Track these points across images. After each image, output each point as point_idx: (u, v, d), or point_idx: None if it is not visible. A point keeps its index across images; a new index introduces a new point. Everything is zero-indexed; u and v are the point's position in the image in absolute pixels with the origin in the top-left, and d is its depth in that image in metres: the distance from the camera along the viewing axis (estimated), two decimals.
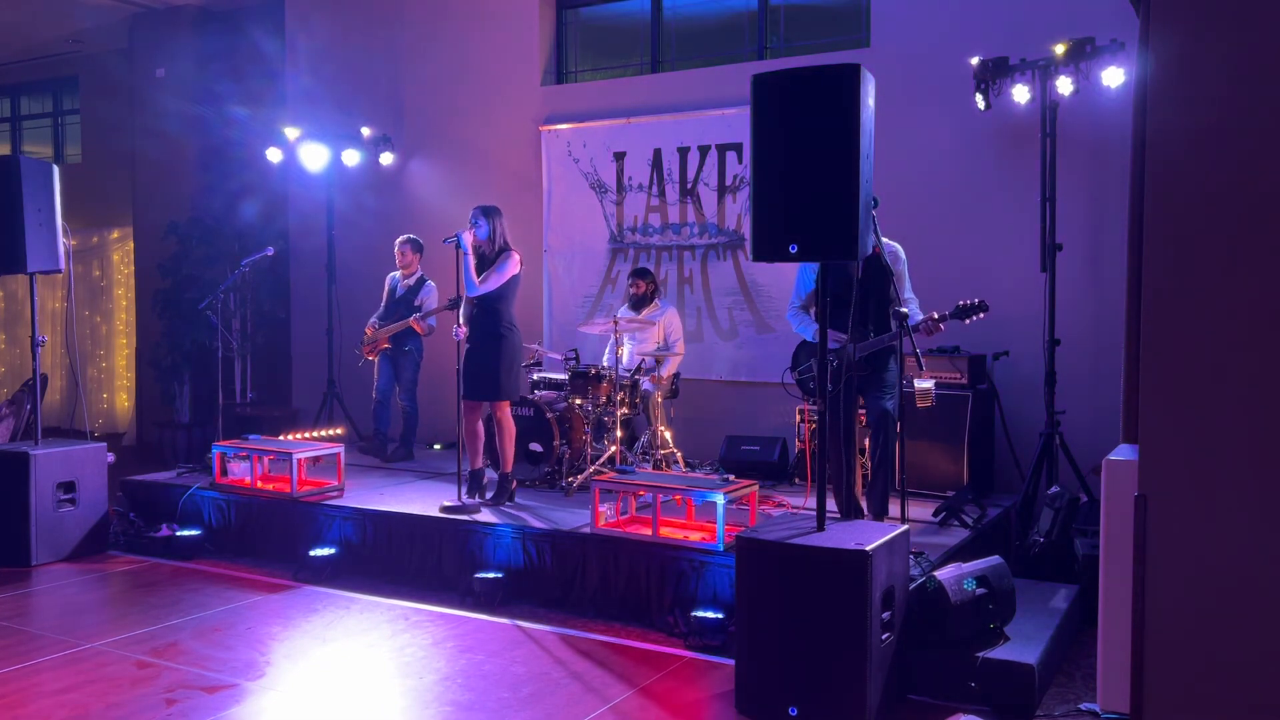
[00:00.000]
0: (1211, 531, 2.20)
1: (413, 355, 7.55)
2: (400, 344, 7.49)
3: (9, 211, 6.07)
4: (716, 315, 7.72)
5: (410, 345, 7.51)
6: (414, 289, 7.57)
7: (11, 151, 12.71)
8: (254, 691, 4.13)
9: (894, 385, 5.17)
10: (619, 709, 3.95)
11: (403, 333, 7.44)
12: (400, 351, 7.51)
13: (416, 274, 7.64)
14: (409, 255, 7.60)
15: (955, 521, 5.46)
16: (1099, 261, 6.31)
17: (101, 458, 6.57)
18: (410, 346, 7.52)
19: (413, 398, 7.60)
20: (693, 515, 5.33)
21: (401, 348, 7.50)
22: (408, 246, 7.61)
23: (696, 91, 7.73)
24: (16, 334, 12.17)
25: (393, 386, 7.62)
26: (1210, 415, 2.20)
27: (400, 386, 7.58)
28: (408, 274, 7.63)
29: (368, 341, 7.57)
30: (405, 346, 7.50)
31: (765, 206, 3.89)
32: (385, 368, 7.61)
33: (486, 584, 5.26)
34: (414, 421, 7.65)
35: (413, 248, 7.62)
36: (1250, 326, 2.15)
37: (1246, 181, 2.16)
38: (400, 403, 7.61)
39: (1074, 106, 6.19)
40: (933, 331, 5.13)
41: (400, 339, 7.48)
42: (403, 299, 7.57)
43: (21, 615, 5.18)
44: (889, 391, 5.17)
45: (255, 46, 9.99)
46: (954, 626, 4.03)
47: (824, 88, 3.77)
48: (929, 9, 6.92)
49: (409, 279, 7.62)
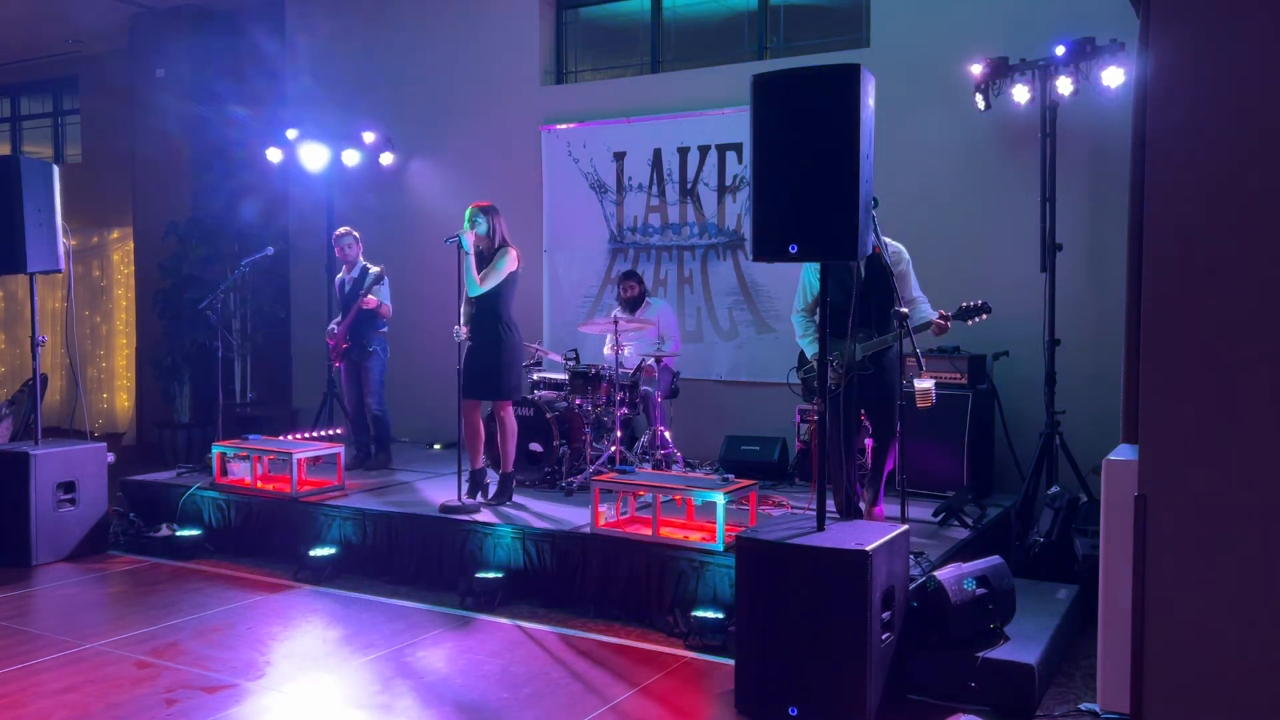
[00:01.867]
0: (1211, 531, 2.20)
1: (378, 356, 7.23)
2: (363, 345, 7.15)
3: (9, 211, 6.07)
4: (716, 315, 7.72)
5: (375, 345, 7.19)
6: (359, 280, 7.25)
7: (11, 151, 12.70)
8: (254, 691, 4.13)
9: (895, 385, 5.19)
10: (619, 709, 3.95)
11: (365, 332, 7.13)
12: (364, 354, 7.18)
13: (359, 265, 7.34)
14: (353, 247, 7.34)
15: (955, 521, 5.46)
16: (1099, 261, 6.31)
17: (101, 458, 6.57)
18: (375, 347, 7.19)
19: (381, 401, 7.27)
20: (693, 515, 5.33)
21: (365, 349, 7.16)
22: (349, 239, 7.34)
23: (696, 91, 7.73)
24: (16, 334, 12.17)
25: (360, 392, 7.28)
26: (1210, 415, 2.19)
27: (367, 391, 7.22)
28: (350, 267, 7.35)
29: (334, 348, 7.28)
30: (370, 347, 7.16)
31: (765, 206, 3.89)
32: (349, 373, 7.30)
33: (486, 584, 5.26)
34: (386, 426, 7.35)
35: (354, 240, 7.36)
36: (1250, 326, 2.15)
37: (1246, 181, 2.16)
38: (370, 408, 7.25)
39: (1074, 106, 6.19)
40: (943, 331, 5.14)
41: (362, 340, 7.14)
42: (351, 293, 7.26)
43: (21, 615, 5.18)
44: (891, 391, 5.19)
45: (255, 46, 9.99)
46: (954, 626, 4.03)
47: (824, 88, 3.76)
48: (929, 9, 6.92)
49: (352, 271, 7.34)
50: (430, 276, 8.53)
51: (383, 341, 7.29)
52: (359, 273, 7.31)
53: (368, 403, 7.26)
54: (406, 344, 8.86)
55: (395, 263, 8.80)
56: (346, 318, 7.19)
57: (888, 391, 5.18)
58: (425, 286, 8.64)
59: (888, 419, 5.22)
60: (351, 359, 7.24)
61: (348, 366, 7.29)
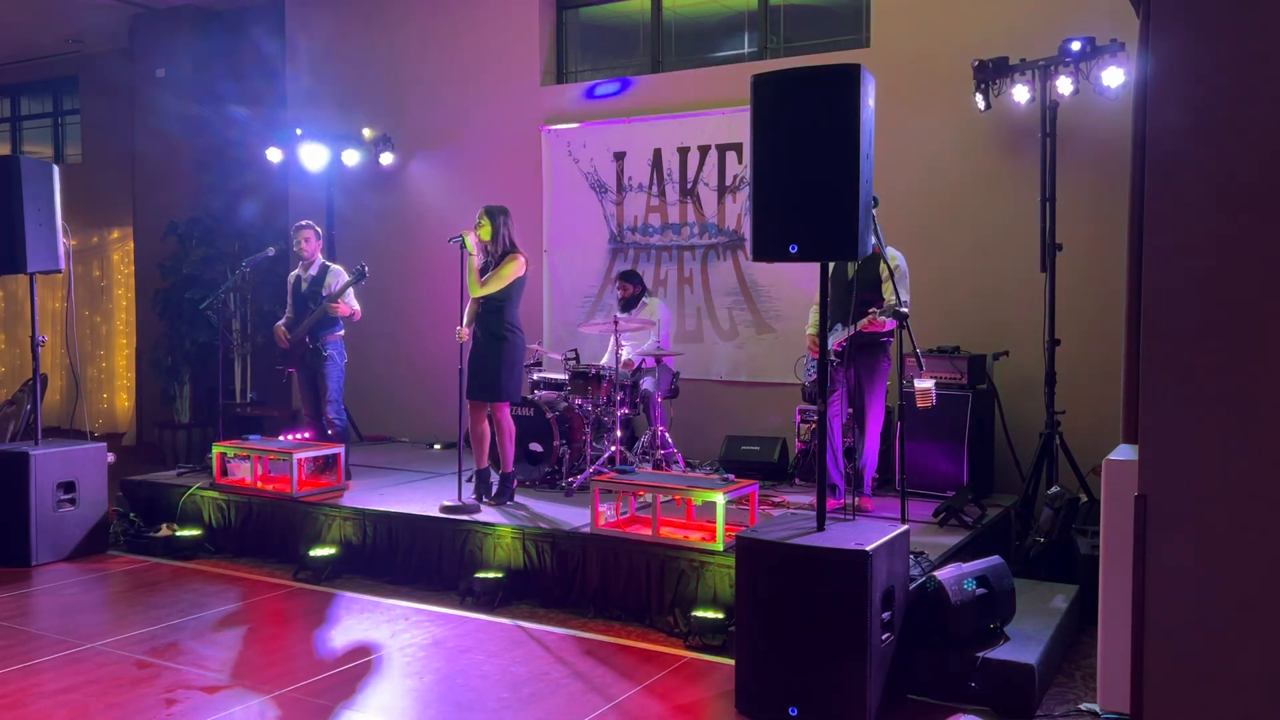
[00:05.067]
0: (1211, 531, 2.19)
1: (334, 360, 6.69)
2: (318, 349, 6.64)
3: (9, 211, 6.07)
4: (716, 315, 7.72)
5: (330, 349, 6.67)
6: (318, 279, 6.76)
7: (11, 151, 12.70)
8: (254, 691, 4.13)
9: (882, 375, 5.65)
10: (619, 709, 3.95)
11: (319, 334, 6.64)
12: (319, 359, 6.65)
13: (318, 262, 6.84)
14: (312, 243, 6.80)
15: (955, 521, 5.46)
16: (1099, 261, 6.31)
17: (101, 458, 6.57)
18: (331, 351, 6.67)
19: (340, 410, 6.74)
20: (693, 515, 5.33)
21: (320, 354, 6.64)
22: (310, 233, 6.80)
23: (696, 91, 7.73)
24: (16, 334, 12.17)
25: (317, 402, 6.74)
26: (1210, 415, 2.19)
27: (325, 399, 6.67)
28: (308, 264, 6.83)
29: (286, 353, 6.81)
30: (325, 351, 6.64)
31: (765, 206, 3.89)
32: (304, 380, 6.81)
33: (486, 584, 5.26)
34: (345, 437, 6.78)
35: (315, 235, 6.83)
36: (1250, 326, 2.15)
37: (1246, 181, 2.15)
38: (328, 418, 6.70)
39: (1074, 106, 6.18)
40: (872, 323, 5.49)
41: (317, 343, 6.65)
42: (310, 293, 6.76)
43: (21, 615, 5.18)
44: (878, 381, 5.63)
45: (255, 46, 9.99)
46: (954, 626, 4.03)
47: (824, 88, 3.77)
48: (929, 9, 6.92)
49: (310, 269, 6.82)
50: (430, 276, 8.54)
51: (339, 344, 6.76)
52: (319, 270, 6.81)
53: (326, 413, 6.70)
54: (406, 344, 8.87)
55: (395, 262, 8.83)
56: (305, 320, 6.68)
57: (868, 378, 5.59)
58: (425, 286, 8.65)
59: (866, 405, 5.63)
60: (306, 364, 6.73)
61: (302, 373, 6.80)
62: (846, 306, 5.40)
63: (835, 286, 5.16)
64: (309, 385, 6.80)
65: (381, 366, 8.85)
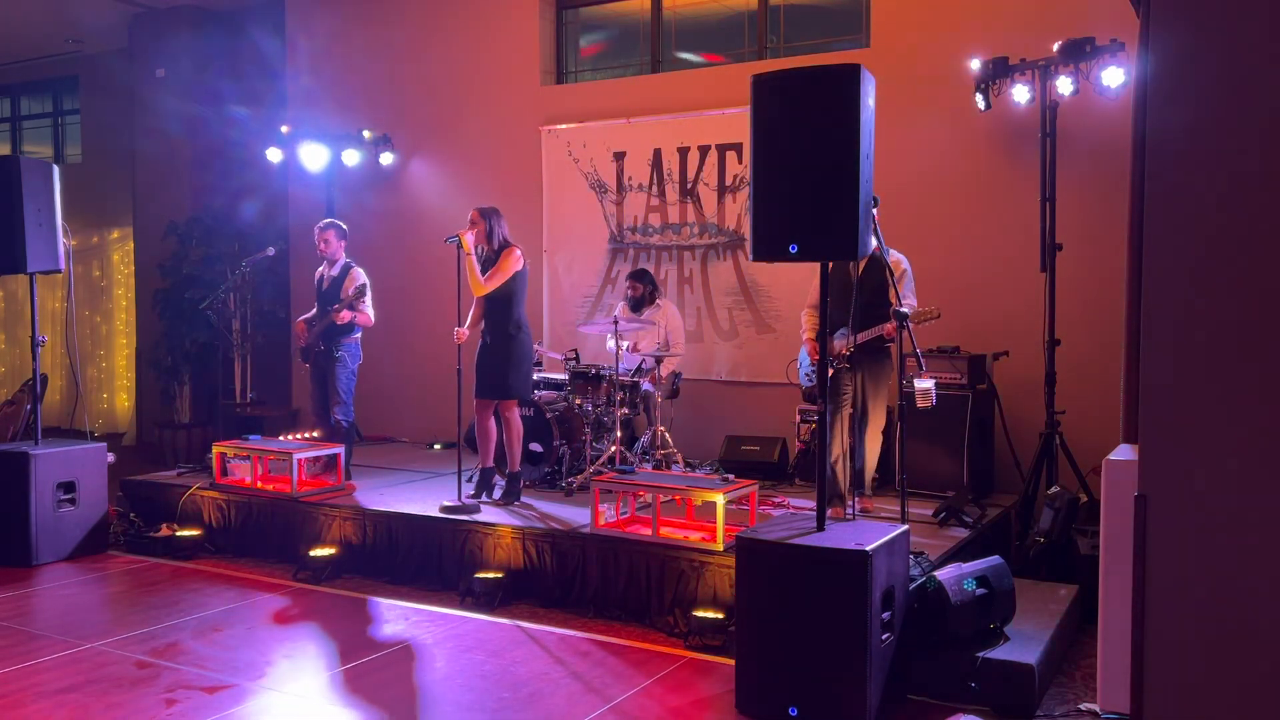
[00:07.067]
0: (1211, 531, 2.19)
1: (344, 362, 6.63)
2: (330, 350, 6.61)
3: (9, 211, 6.07)
4: (716, 315, 7.72)
5: (342, 351, 6.61)
6: (338, 279, 6.72)
7: (11, 151, 12.70)
8: (254, 691, 4.13)
9: (886, 378, 5.60)
10: (619, 709, 3.95)
11: (334, 335, 6.59)
12: (330, 359, 6.62)
13: (341, 262, 6.80)
14: (333, 243, 6.75)
15: (955, 521, 5.46)
16: (1099, 261, 6.31)
17: (101, 458, 6.57)
18: (342, 352, 6.61)
19: (348, 411, 6.69)
20: (693, 515, 5.33)
21: (332, 354, 6.60)
22: (330, 233, 6.76)
23: (696, 91, 7.73)
24: (16, 334, 12.17)
25: (325, 400, 6.72)
26: (1210, 415, 2.19)
27: (333, 399, 6.64)
28: (331, 264, 6.82)
29: (304, 348, 6.82)
30: (336, 352, 6.59)
31: (765, 206, 3.88)
32: (316, 377, 6.77)
33: (486, 584, 5.26)
34: (349, 438, 6.74)
35: (336, 234, 6.78)
36: (1250, 326, 2.15)
37: (1246, 181, 2.15)
38: (334, 418, 6.66)
39: (1074, 106, 6.18)
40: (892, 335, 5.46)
41: (330, 343, 6.61)
42: (328, 292, 6.73)
43: (22, 615, 5.18)
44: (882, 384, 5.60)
45: (255, 46, 9.99)
46: (954, 626, 4.03)
47: (824, 88, 3.76)
48: (929, 9, 6.92)
49: (333, 269, 6.80)
50: (430, 276, 8.54)
51: (352, 347, 6.70)
52: (340, 270, 6.78)
53: (333, 413, 6.68)
54: (406, 344, 8.87)
55: (395, 262, 8.83)
56: (322, 319, 6.67)
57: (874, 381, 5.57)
58: (425, 286, 8.65)
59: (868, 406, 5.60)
60: (319, 363, 6.72)
61: (314, 369, 6.78)
62: (847, 310, 5.40)
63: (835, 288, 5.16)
64: (319, 384, 6.78)
65: (382, 366, 8.83)
